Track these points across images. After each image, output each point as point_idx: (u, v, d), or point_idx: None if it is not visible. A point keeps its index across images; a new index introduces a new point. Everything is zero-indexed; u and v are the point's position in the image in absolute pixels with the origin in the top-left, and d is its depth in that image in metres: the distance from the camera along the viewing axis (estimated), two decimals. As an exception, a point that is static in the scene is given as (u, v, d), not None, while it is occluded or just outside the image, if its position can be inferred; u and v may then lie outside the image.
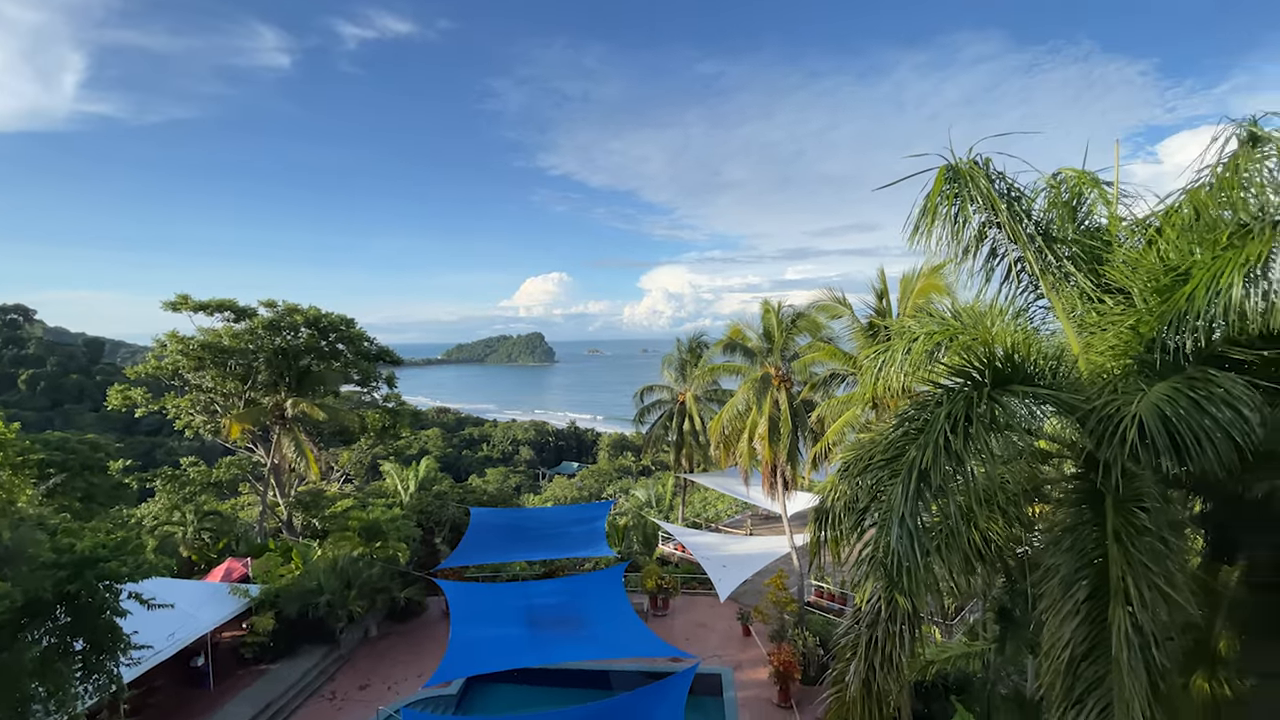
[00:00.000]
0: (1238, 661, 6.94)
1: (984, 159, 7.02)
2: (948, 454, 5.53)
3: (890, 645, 6.71)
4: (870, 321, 18.14)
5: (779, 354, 23.16)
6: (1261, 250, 4.64)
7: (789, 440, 21.88)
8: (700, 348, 35.10)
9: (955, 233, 7.22)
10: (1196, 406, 5.27)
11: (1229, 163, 6.42)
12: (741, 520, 36.79)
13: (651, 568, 24.85)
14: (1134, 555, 5.07)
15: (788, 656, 17.76)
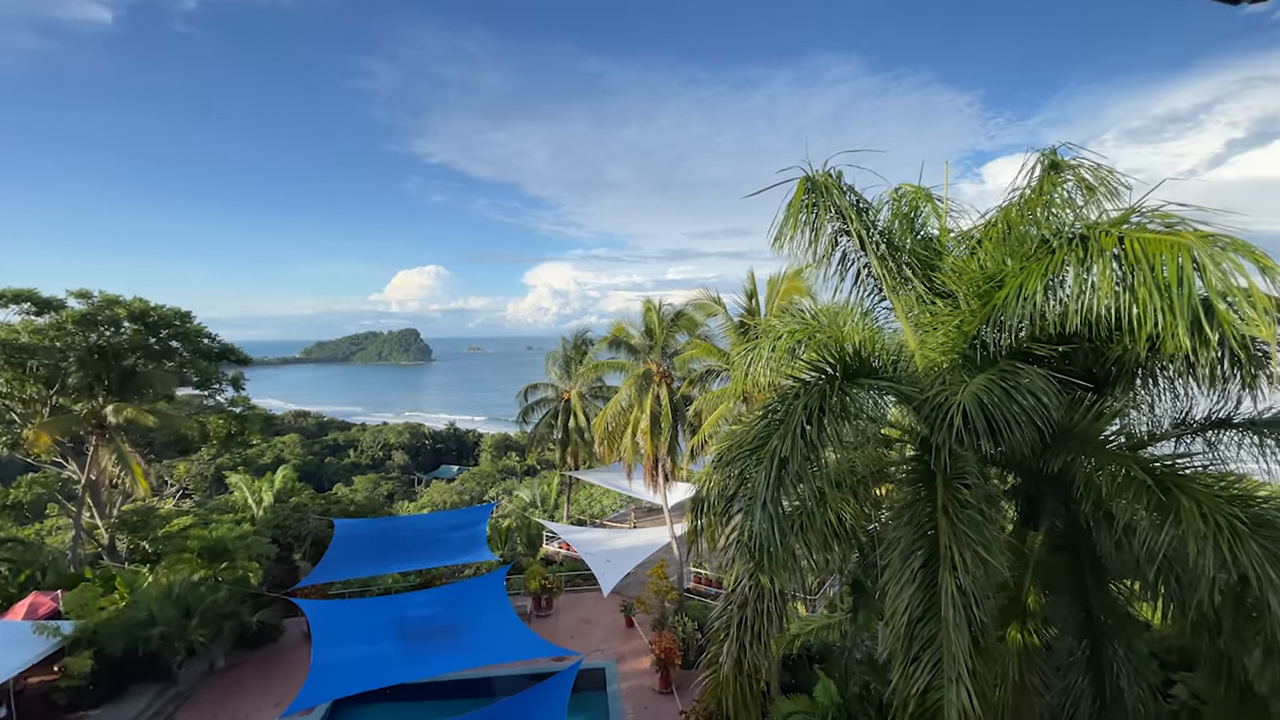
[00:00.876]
0: (1043, 613, 8.15)
1: (837, 173, 7.66)
2: (805, 442, 5.98)
3: (759, 624, 7.14)
4: (741, 320, 19.16)
5: (660, 351, 23.80)
6: (1058, 262, 5.48)
7: (669, 434, 22.55)
8: (585, 345, 35.15)
9: (813, 239, 7.82)
10: (1007, 395, 6.12)
11: (1035, 186, 7.53)
12: (626, 514, 37.36)
13: (535, 568, 24.52)
14: (958, 526, 5.80)
15: (668, 644, 18.32)
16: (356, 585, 23.65)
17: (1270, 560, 4.95)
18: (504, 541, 28.77)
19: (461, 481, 64.70)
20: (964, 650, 5.22)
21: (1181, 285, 4.36)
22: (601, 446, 24.31)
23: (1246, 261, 4.25)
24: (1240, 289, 4.24)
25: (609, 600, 23.30)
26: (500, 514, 36.39)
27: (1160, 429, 7.75)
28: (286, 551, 25.95)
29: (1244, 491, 5.69)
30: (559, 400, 35.09)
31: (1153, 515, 5.49)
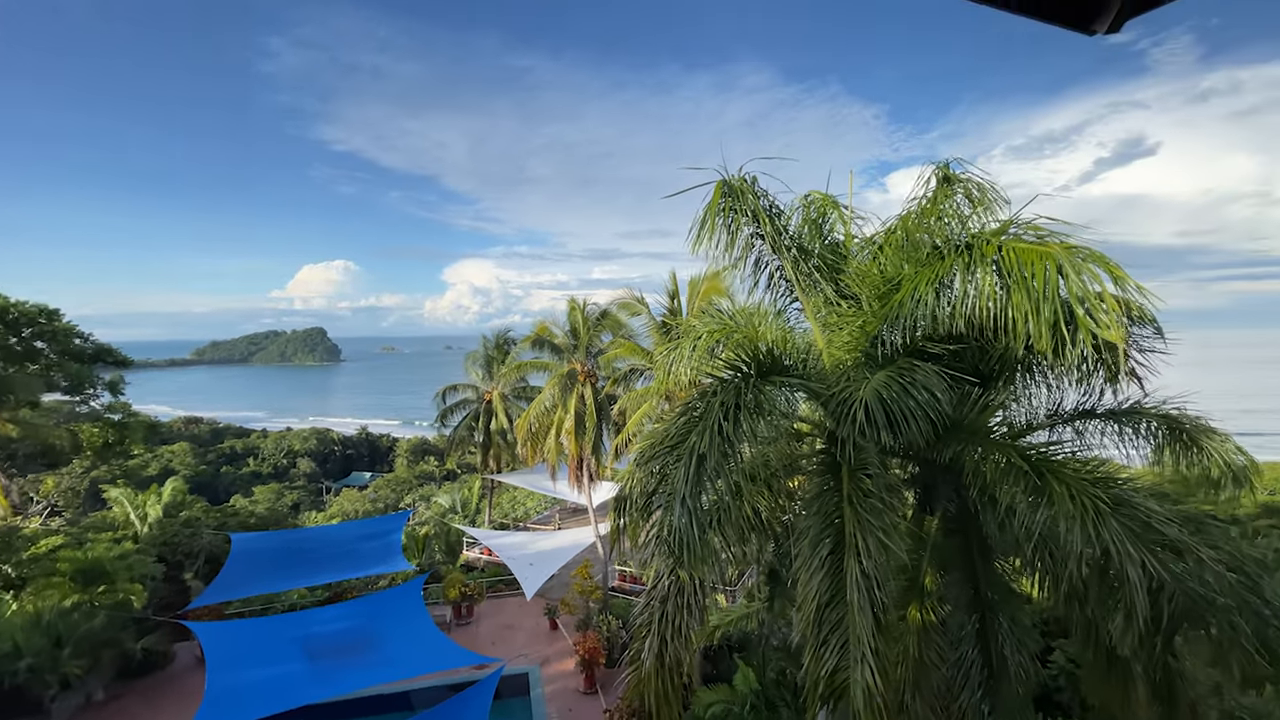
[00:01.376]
0: (938, 592, 8.79)
1: (752, 178, 7.94)
2: (722, 438, 6.17)
3: (680, 618, 7.29)
4: (664, 320, 19.45)
5: (584, 350, 23.72)
6: (947, 267, 5.94)
7: (594, 433, 22.54)
8: (508, 344, 34.44)
9: (729, 242, 8.06)
10: (905, 391, 6.56)
11: (930, 197, 8.11)
12: (550, 516, 36.98)
13: (454, 576, 23.81)
14: (862, 514, 6.17)
15: (592, 643, 18.31)
16: (258, 603, 22.08)
17: (1128, 536, 5.59)
18: (421, 550, 27.73)
19: (375, 489, 61.72)
20: (868, 631, 5.56)
21: (1047, 291, 4.86)
22: (525, 448, 23.94)
23: (1101, 270, 4.80)
24: (1095, 295, 4.78)
25: (533, 604, 22.99)
26: (417, 521, 35.04)
27: (1037, 420, 8.56)
28: (176, 571, 23.80)
29: (1106, 475, 6.39)
30: (480, 401, 34.21)
31: (1029, 498, 6.07)
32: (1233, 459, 8.06)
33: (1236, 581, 6.17)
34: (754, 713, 12.94)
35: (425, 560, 27.13)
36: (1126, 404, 8.28)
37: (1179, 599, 5.38)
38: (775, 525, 8.97)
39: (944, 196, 7.64)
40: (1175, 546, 5.55)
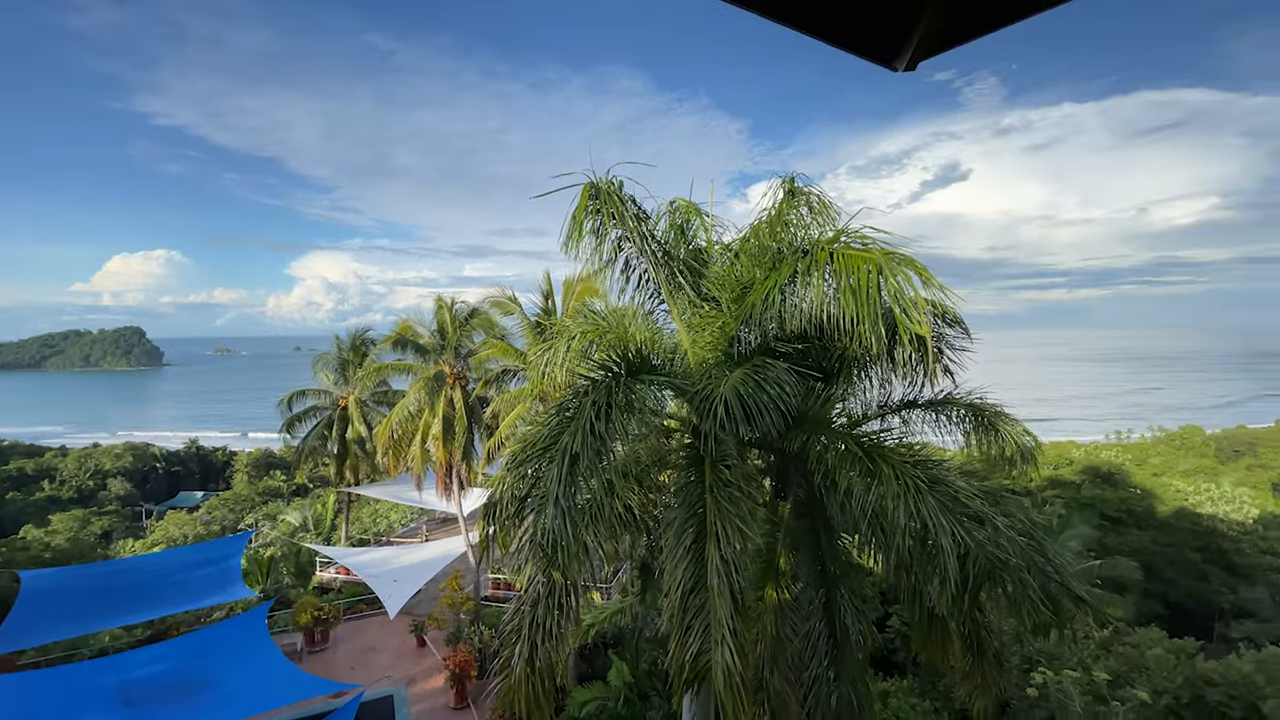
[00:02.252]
0: (791, 571, 9.53)
1: (619, 182, 8.11)
2: (594, 436, 6.24)
3: (551, 620, 7.25)
4: (538, 320, 19.22)
5: (454, 351, 22.76)
6: (789, 271, 6.48)
7: (464, 438, 21.70)
8: (366, 345, 32.07)
9: (598, 244, 8.18)
10: (759, 386, 7.06)
11: (777, 207, 8.77)
12: (417, 528, 35.04)
13: (306, 600, 21.79)
14: (721, 503, 6.55)
15: (463, 657, 17.64)
16: (59, 650, 18.74)
17: (942, 510, 6.44)
18: (266, 574, 25.05)
19: (209, 510, 54.62)
20: (727, 613, 5.91)
21: (870, 294, 5.49)
22: (386, 457, 22.46)
23: (913, 273, 5.52)
24: (909, 297, 5.48)
25: (397, 622, 21.67)
26: (261, 543, 31.63)
27: (871, 410, 9.59)
28: (-64, 623, 19.45)
29: (925, 457, 7.31)
30: (334, 408, 31.55)
31: (864, 480, 6.79)
32: (1022, 440, 9.55)
33: (1026, 544, 7.33)
34: (627, 706, 13.20)
35: (271, 585, 24.55)
36: (941, 395, 9.51)
37: (981, 562, 6.31)
38: (648, 520, 9.23)
39: (789, 208, 8.31)
40: (978, 517, 6.50)
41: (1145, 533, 30.33)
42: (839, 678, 7.48)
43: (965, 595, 6.37)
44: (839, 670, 7.52)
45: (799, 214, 8.63)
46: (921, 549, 6.92)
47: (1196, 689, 14.81)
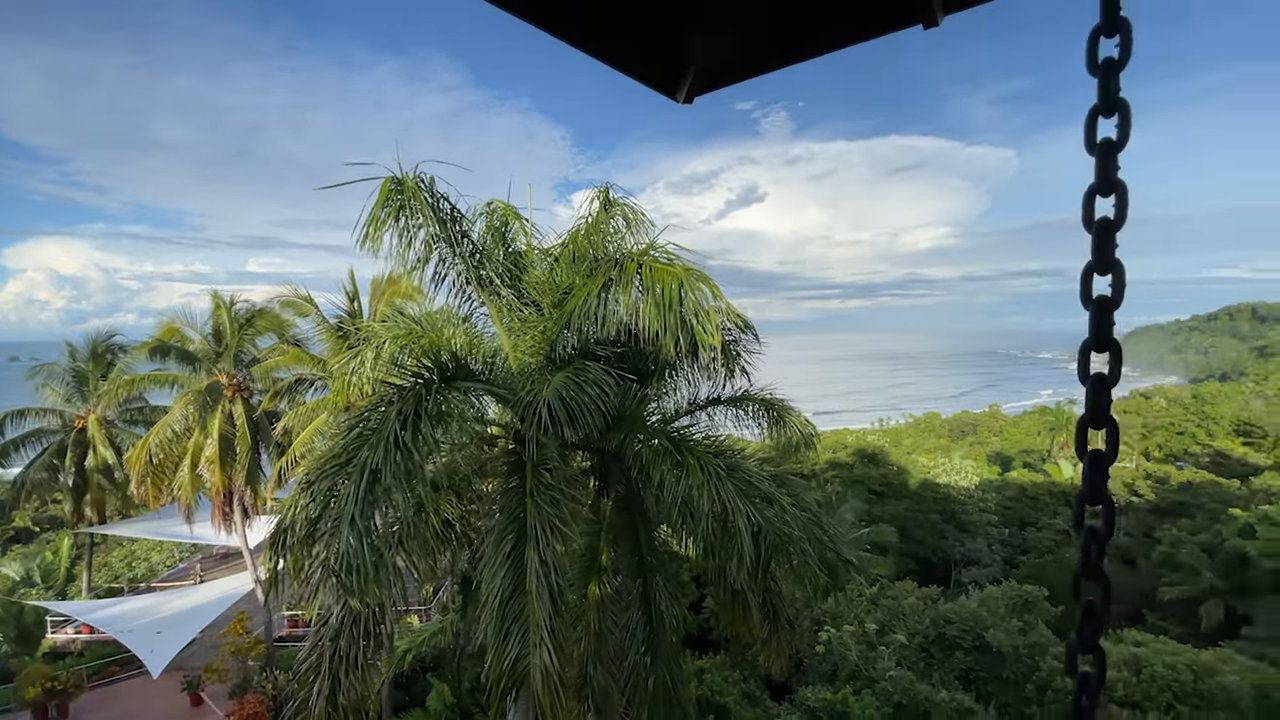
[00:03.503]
0: (612, 566, 9.86)
1: (429, 178, 7.74)
2: (400, 449, 5.87)
3: (356, 651, 6.68)
4: (340, 324, 17.48)
5: (233, 359, 19.76)
6: (605, 281, 6.74)
7: (248, 459, 18.95)
8: (114, 353, 26.41)
9: (405, 242, 7.72)
10: (580, 389, 7.22)
11: (595, 217, 9.05)
12: (188, 568, 29.82)
13: (35, 669, 17.44)
14: (541, 506, 6.58)
15: (252, 709, 15.45)
16: None
17: (739, 494, 7.15)
18: (-33, 646, 19.55)
19: None
20: (545, 614, 5.96)
21: (672, 304, 5.97)
22: (143, 487, 18.76)
23: (707, 288, 6.11)
24: (704, 309, 6.05)
25: (165, 680, 18.22)
26: (-43, 608, 24.55)
27: (682, 408, 10.31)
28: None
29: (725, 448, 8.07)
30: (67, 431, 25.54)
31: (674, 472, 7.29)
32: (804, 429, 10.94)
33: (807, 520, 8.44)
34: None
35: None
36: (740, 393, 10.55)
37: (771, 538, 7.13)
38: (470, 532, 8.91)
39: (606, 217, 8.64)
40: (768, 498, 7.33)
41: (901, 502, 36.43)
42: (655, 662, 7.92)
43: (759, 569, 7.14)
44: (655, 655, 7.97)
45: (615, 224, 8.99)
46: (723, 531, 7.58)
47: (940, 627, 18.17)
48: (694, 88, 2.28)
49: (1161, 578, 26.14)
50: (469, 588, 10.66)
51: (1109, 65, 1.17)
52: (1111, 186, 1.19)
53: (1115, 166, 1.20)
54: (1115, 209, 1.19)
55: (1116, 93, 1.17)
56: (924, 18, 1.83)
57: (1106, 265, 1.20)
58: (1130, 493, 39.76)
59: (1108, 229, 1.20)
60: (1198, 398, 65.94)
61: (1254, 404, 67.05)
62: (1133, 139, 1.17)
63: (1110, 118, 1.17)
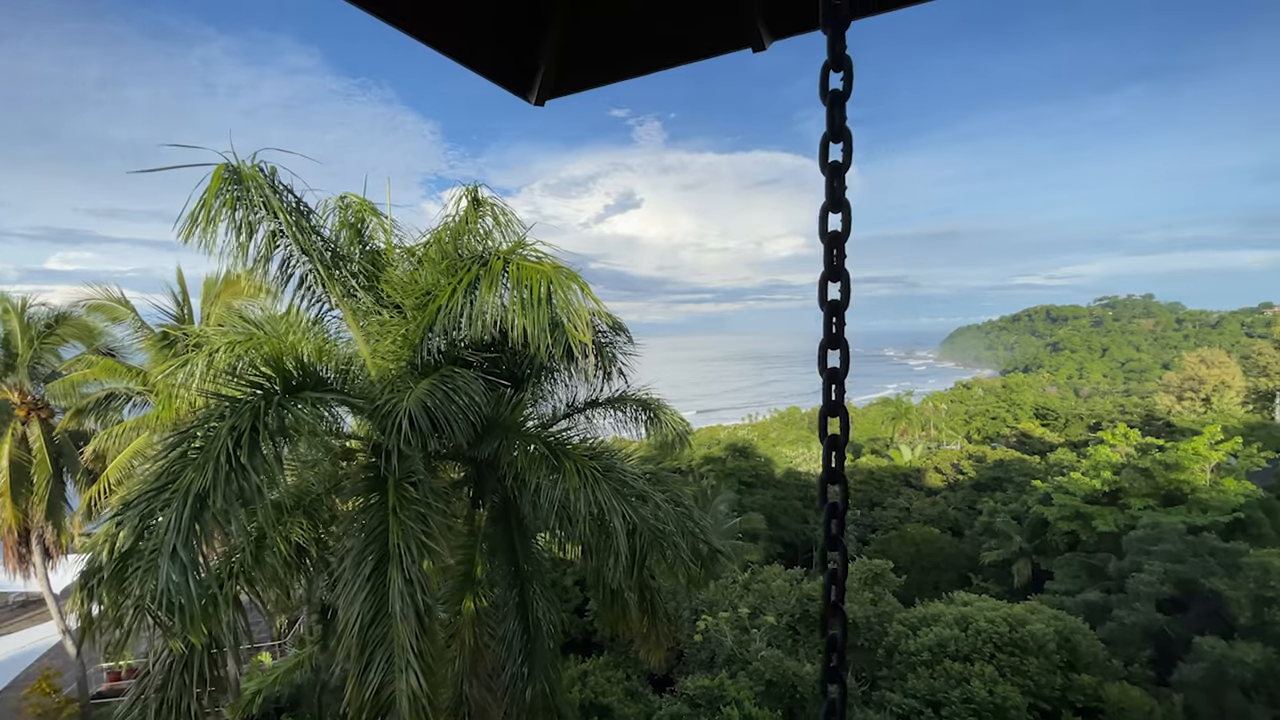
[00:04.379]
0: (488, 578, 9.54)
1: (270, 168, 7.03)
2: (235, 469, 5.26)
3: (188, 700, 5.89)
4: (166, 330, 15.35)
5: (26, 371, 16.65)
6: (471, 280, 6.50)
7: (48, 490, 16.08)
8: None
9: (244, 238, 6.95)
10: (448, 397, 6.90)
11: (463, 215, 8.71)
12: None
13: None
14: (406, 522, 6.21)
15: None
16: None
17: (614, 494, 7.21)
18: None
19: None
20: (412, 636, 5.63)
21: (541, 303, 5.91)
22: (-102, 530, 15.31)
23: (578, 288, 6.12)
24: (574, 308, 6.06)
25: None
26: None
27: (560, 412, 10.23)
28: None
29: (601, 450, 8.11)
30: None
31: (551, 477, 7.20)
32: (678, 427, 11.30)
33: (681, 514, 8.71)
34: (310, 771, 11.49)
35: None
36: (618, 394, 10.68)
37: (646, 535, 7.28)
38: (328, 556, 8.19)
39: (474, 217, 8.35)
40: (642, 495, 7.48)
41: (768, 491, 38.87)
42: (533, 672, 7.78)
43: (635, 566, 7.26)
44: (533, 665, 7.83)
45: (484, 224, 8.71)
46: (600, 531, 7.63)
47: (804, 606, 19.56)
48: (544, 89, 2.26)
49: (982, 544, 30.13)
50: (328, 617, 9.81)
51: (835, 96, 1.29)
52: (839, 204, 1.32)
53: (843, 186, 1.32)
54: (842, 224, 1.32)
55: (843, 121, 1.29)
56: (752, 42, 1.97)
57: (837, 274, 1.34)
58: (956, 472, 45.41)
59: (836, 241, 1.33)
60: (1006, 387, 77.06)
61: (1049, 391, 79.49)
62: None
63: (838, 143, 1.29)
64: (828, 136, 1.30)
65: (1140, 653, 18.48)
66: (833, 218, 1.33)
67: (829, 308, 1.36)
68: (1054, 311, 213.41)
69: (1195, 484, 25.38)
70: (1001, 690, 14.61)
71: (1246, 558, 18.94)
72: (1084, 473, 28.70)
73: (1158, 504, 25.55)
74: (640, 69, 2.03)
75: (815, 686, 15.47)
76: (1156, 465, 26.59)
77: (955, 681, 15.09)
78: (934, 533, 32.11)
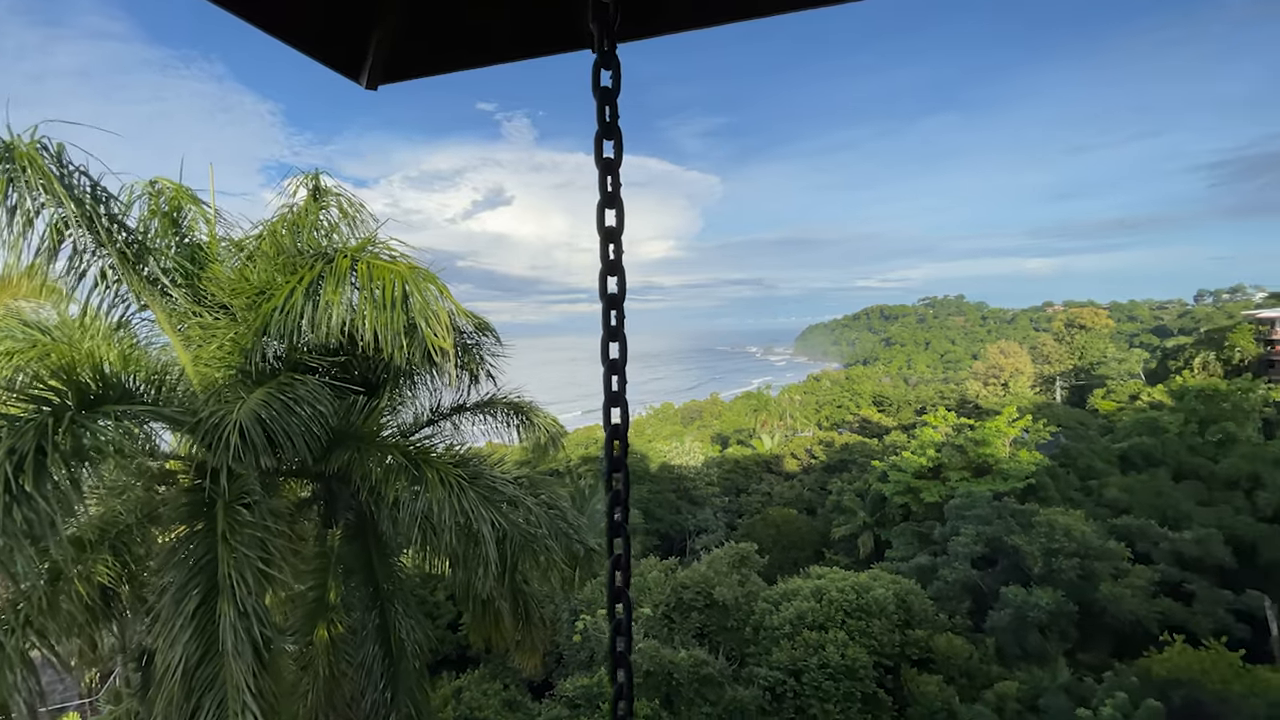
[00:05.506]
0: (343, 602, 8.80)
1: (56, 144, 5.93)
2: (18, 501, 4.38)
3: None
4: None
5: None
6: (313, 279, 5.94)
7: None
8: None
9: (22, 224, 5.81)
10: (287, 408, 6.24)
11: (304, 206, 7.95)
12: None
13: None
14: (239, 549, 5.54)
15: None
16: None
17: (483, 502, 6.95)
18: None
19: None
20: (248, 675, 5.04)
21: (395, 305, 5.56)
22: None
23: (435, 289, 5.83)
24: (432, 310, 5.77)
25: None
26: None
27: (423, 418, 9.69)
28: None
29: (467, 456, 7.80)
30: None
31: (412, 488, 6.80)
32: (552, 428, 11.18)
33: (554, 516, 8.62)
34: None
35: None
36: (487, 397, 10.34)
37: (517, 540, 7.12)
38: (147, 594, 7.08)
39: (317, 208, 7.66)
40: (513, 501, 7.30)
41: (644, 485, 39.78)
42: (396, 697, 7.30)
43: (506, 574, 7.08)
44: (396, 689, 7.35)
45: (329, 216, 8.02)
46: (467, 540, 7.34)
47: (678, 593, 20.23)
48: (375, 73, 2.12)
49: (833, 521, 33.11)
50: (144, 664, 8.51)
51: (605, 93, 1.33)
52: (613, 200, 1.36)
53: (618, 183, 1.37)
54: (617, 220, 1.37)
55: (616, 119, 1.34)
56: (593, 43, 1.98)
57: (614, 268, 1.38)
58: (810, 457, 49.49)
59: (611, 236, 1.37)
60: (849, 379, 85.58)
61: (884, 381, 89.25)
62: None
63: (610, 140, 1.33)
64: (600, 135, 1.32)
65: (961, 605, 21.32)
66: (608, 213, 1.35)
67: (607, 301, 1.38)
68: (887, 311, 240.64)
69: (998, 456, 29.76)
70: (851, 652, 16.15)
71: (1038, 517, 22.55)
72: (913, 452, 32.50)
73: (970, 475, 29.61)
74: (477, 60, 1.95)
75: (690, 671, 16.08)
76: (968, 442, 30.83)
77: (813, 649, 16.43)
78: (792, 514, 34.74)
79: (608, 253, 1.38)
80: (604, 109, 1.32)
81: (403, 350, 5.63)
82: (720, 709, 15.54)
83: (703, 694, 15.90)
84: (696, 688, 15.96)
